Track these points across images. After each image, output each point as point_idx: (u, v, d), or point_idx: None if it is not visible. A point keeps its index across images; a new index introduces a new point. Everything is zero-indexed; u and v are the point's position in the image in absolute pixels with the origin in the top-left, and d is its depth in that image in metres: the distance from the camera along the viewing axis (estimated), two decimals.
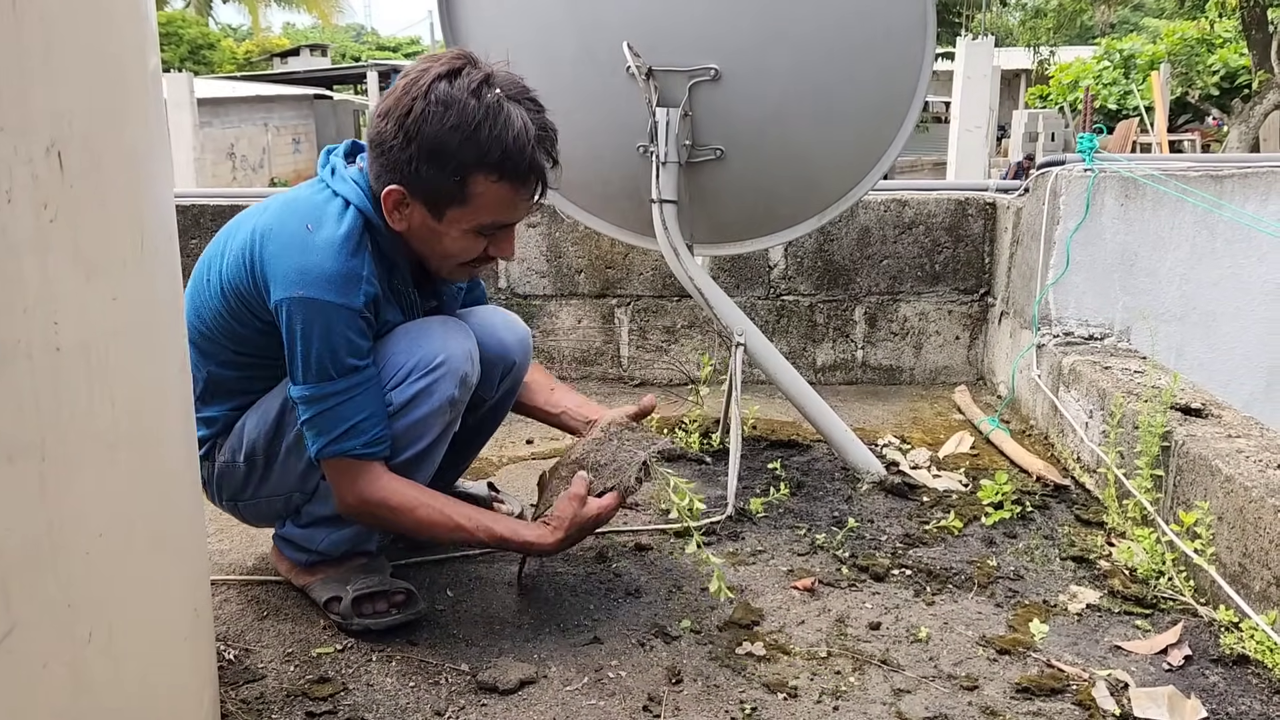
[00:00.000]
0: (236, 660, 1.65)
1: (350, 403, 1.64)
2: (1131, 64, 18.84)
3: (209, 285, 1.73)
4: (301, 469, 1.75)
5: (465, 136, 1.58)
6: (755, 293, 3.40)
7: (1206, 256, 2.88)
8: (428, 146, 1.59)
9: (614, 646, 1.71)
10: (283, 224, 1.65)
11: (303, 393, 1.64)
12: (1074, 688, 1.60)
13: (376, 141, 1.65)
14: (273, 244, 1.63)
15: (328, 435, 1.64)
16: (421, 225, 1.68)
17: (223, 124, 19.60)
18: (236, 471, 1.80)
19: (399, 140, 1.60)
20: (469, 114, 1.57)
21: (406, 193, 1.64)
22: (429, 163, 1.60)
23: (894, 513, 2.29)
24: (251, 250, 1.65)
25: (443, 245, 1.71)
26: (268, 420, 1.75)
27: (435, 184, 1.62)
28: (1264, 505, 1.71)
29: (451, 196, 1.64)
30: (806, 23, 2.26)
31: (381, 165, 1.65)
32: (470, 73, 1.61)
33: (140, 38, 1.15)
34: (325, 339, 1.60)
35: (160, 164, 1.20)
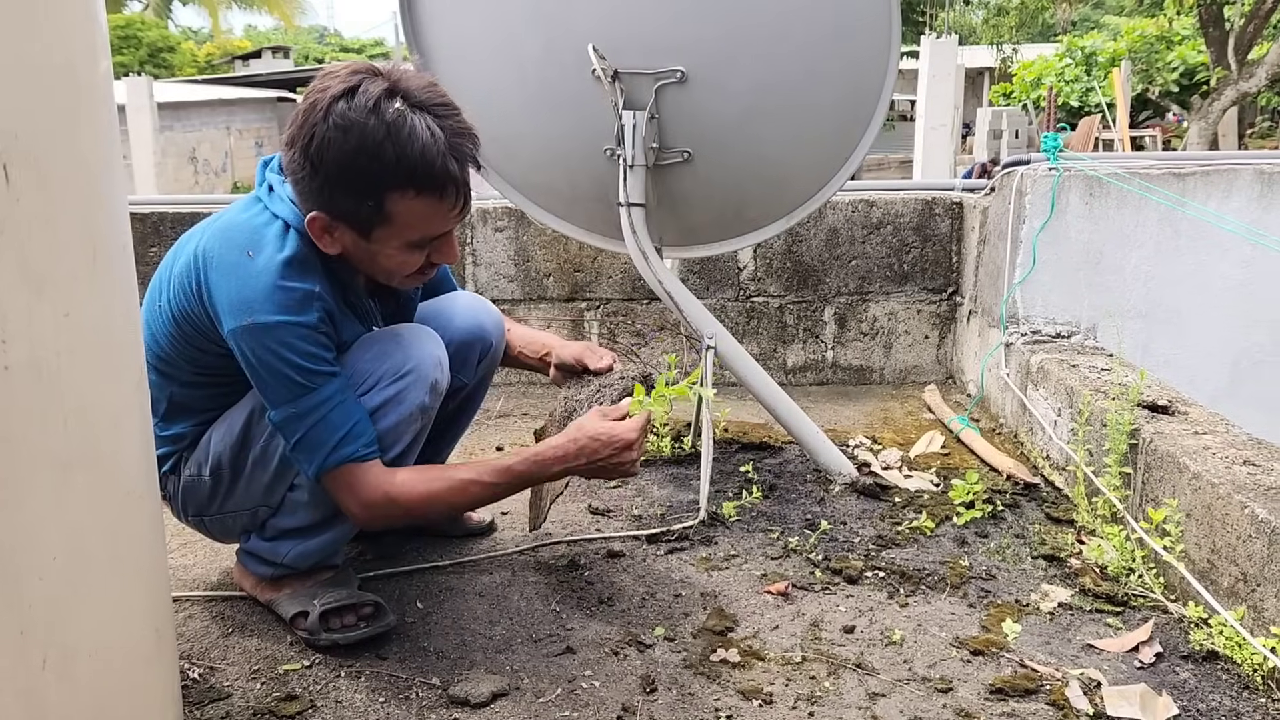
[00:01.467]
0: (201, 679, 1.62)
1: (339, 410, 1.60)
2: (1093, 61, 19.08)
3: (161, 311, 1.68)
4: (267, 481, 1.72)
5: (370, 158, 1.51)
6: (725, 295, 3.39)
7: (1170, 254, 2.90)
8: (335, 174, 1.53)
9: (587, 656, 1.69)
10: (223, 252, 1.60)
11: (283, 415, 1.59)
12: (1047, 688, 1.60)
13: (289, 171, 1.59)
14: (215, 273, 1.58)
15: (325, 447, 1.59)
16: (354, 246, 1.62)
17: (184, 128, 19.36)
18: (202, 486, 1.77)
19: (307, 170, 1.55)
20: (370, 134, 1.50)
21: (329, 218, 1.58)
22: (340, 190, 1.54)
23: (866, 514, 2.28)
24: (196, 278, 1.60)
25: (380, 263, 1.65)
26: (234, 433, 1.72)
27: (352, 209, 1.56)
28: (1231, 501, 1.72)
29: (372, 219, 1.57)
30: (772, 24, 2.26)
31: (299, 193, 1.60)
32: (368, 88, 1.52)
33: (90, 43, 1.12)
34: (288, 359, 1.56)
35: (113, 172, 1.17)
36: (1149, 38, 18.28)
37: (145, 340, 1.66)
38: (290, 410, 1.59)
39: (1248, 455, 1.89)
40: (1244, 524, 1.68)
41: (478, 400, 2.13)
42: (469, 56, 2.48)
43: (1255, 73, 13.41)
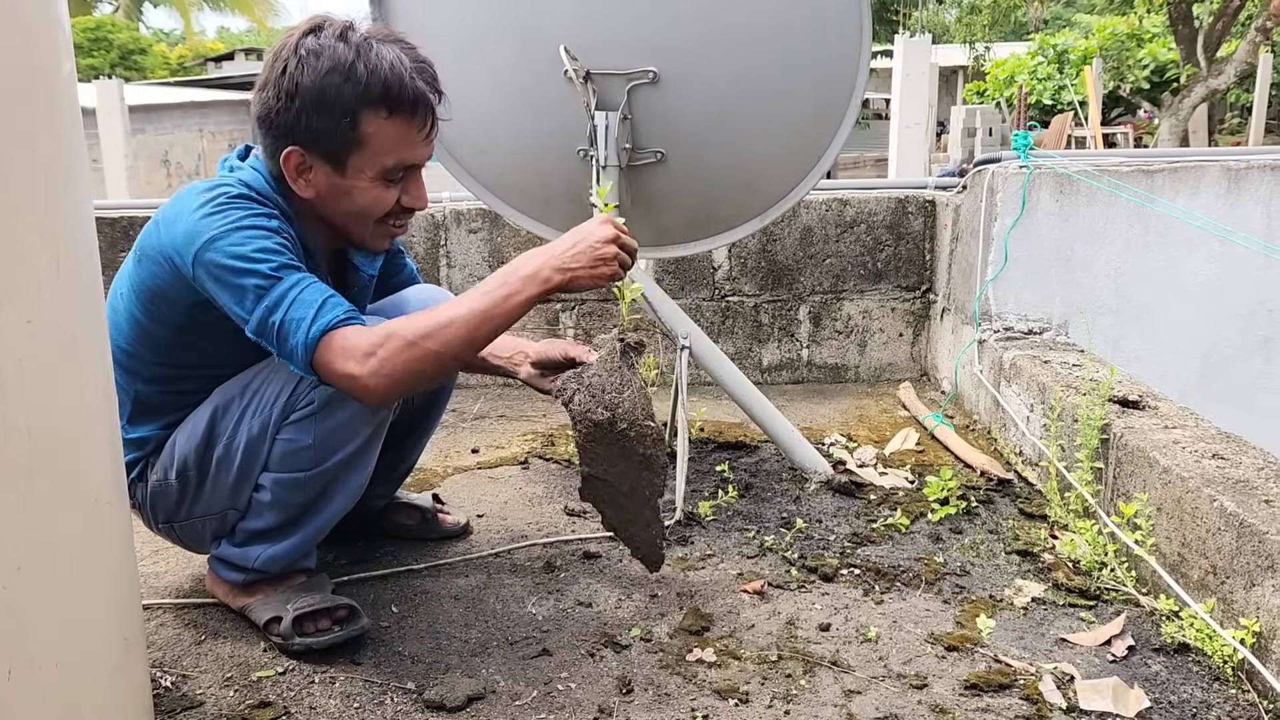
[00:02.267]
0: (174, 687, 1.60)
1: (309, 288, 1.53)
2: (1065, 59, 19.25)
3: (123, 298, 1.69)
4: (232, 481, 1.70)
5: (344, 77, 1.57)
6: (700, 294, 3.39)
7: (1140, 250, 2.93)
8: (310, 97, 1.58)
9: (563, 658, 1.69)
10: (178, 203, 1.61)
11: (258, 320, 1.52)
12: (1021, 682, 1.61)
13: (262, 115, 1.63)
14: (174, 221, 1.59)
15: (304, 324, 1.50)
16: (328, 186, 1.65)
17: (156, 130, 19.18)
18: (170, 491, 1.75)
19: (282, 102, 1.59)
20: (340, 56, 1.58)
21: (304, 152, 1.62)
22: (316, 113, 1.58)
23: (842, 512, 2.29)
24: (157, 239, 1.61)
25: (354, 201, 1.66)
26: (198, 433, 1.70)
27: (328, 133, 1.60)
28: (1200, 495, 1.74)
29: (347, 142, 1.61)
30: (743, 23, 2.26)
31: (273, 137, 1.63)
32: (332, 24, 1.63)
33: (52, 46, 1.11)
34: (247, 256, 1.52)
35: (77, 177, 1.16)
36: (1120, 36, 18.46)
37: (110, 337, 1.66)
38: (262, 311, 1.52)
39: (1217, 449, 1.91)
40: (1213, 517, 1.69)
41: (446, 392, 2.10)
42: (441, 57, 2.45)
43: (1224, 70, 13.56)
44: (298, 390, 1.64)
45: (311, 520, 1.73)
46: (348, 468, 1.70)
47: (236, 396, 1.68)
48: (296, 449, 1.65)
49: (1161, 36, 17.97)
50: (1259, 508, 1.64)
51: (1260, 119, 17.23)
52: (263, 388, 1.67)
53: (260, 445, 1.66)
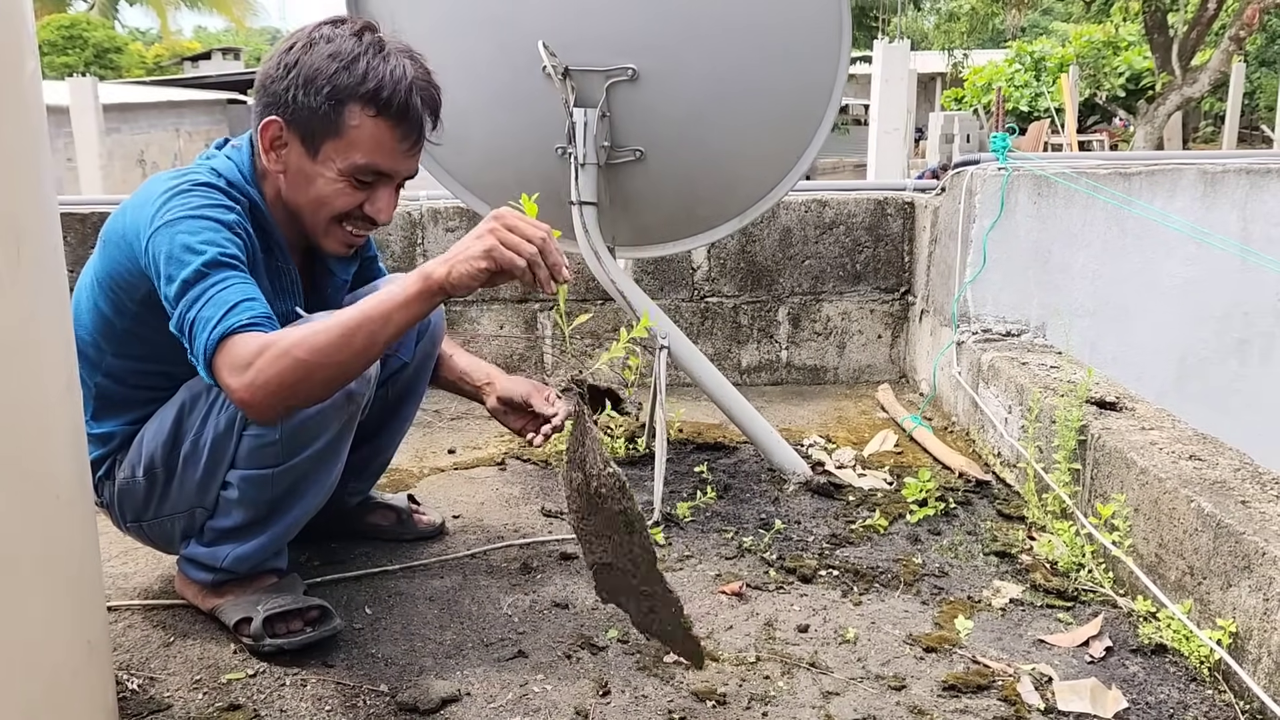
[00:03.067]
0: (140, 690, 1.57)
1: (231, 288, 1.47)
2: (1042, 66, 19.39)
3: (88, 288, 1.68)
4: (200, 478, 1.67)
5: (343, 65, 1.58)
6: (679, 295, 3.38)
7: (1117, 252, 2.94)
8: (305, 73, 1.59)
9: (539, 660, 1.67)
10: (144, 189, 1.62)
11: (179, 305, 1.47)
12: (1000, 683, 1.60)
13: (258, 85, 1.64)
14: (139, 206, 1.58)
15: (209, 324, 1.44)
16: (297, 166, 1.64)
17: (131, 130, 19.00)
18: (137, 489, 1.72)
19: (278, 72, 1.61)
20: (348, 47, 1.60)
21: (283, 125, 1.62)
22: (304, 88, 1.58)
23: (820, 513, 2.28)
24: (120, 223, 1.61)
25: (316, 189, 1.64)
26: (164, 429, 1.68)
27: (311, 111, 1.59)
28: (1177, 496, 1.74)
29: (326, 125, 1.60)
30: (724, 22, 2.25)
31: (261, 105, 1.64)
32: (354, 21, 1.65)
33: (15, 43, 1.08)
34: (192, 247, 1.48)
35: (40, 173, 1.13)
36: (1096, 44, 18.61)
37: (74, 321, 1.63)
38: (183, 305, 1.46)
39: (1194, 450, 1.91)
40: (1190, 518, 1.70)
41: (420, 386, 2.06)
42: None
43: (1199, 78, 13.70)
44: None
45: (280, 519, 1.70)
46: (317, 464, 1.67)
47: (204, 391, 1.65)
48: (263, 444, 1.62)
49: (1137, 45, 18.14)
50: (1236, 508, 1.64)
51: (1233, 127, 17.44)
52: None
53: (227, 441, 1.63)
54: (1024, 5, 17.69)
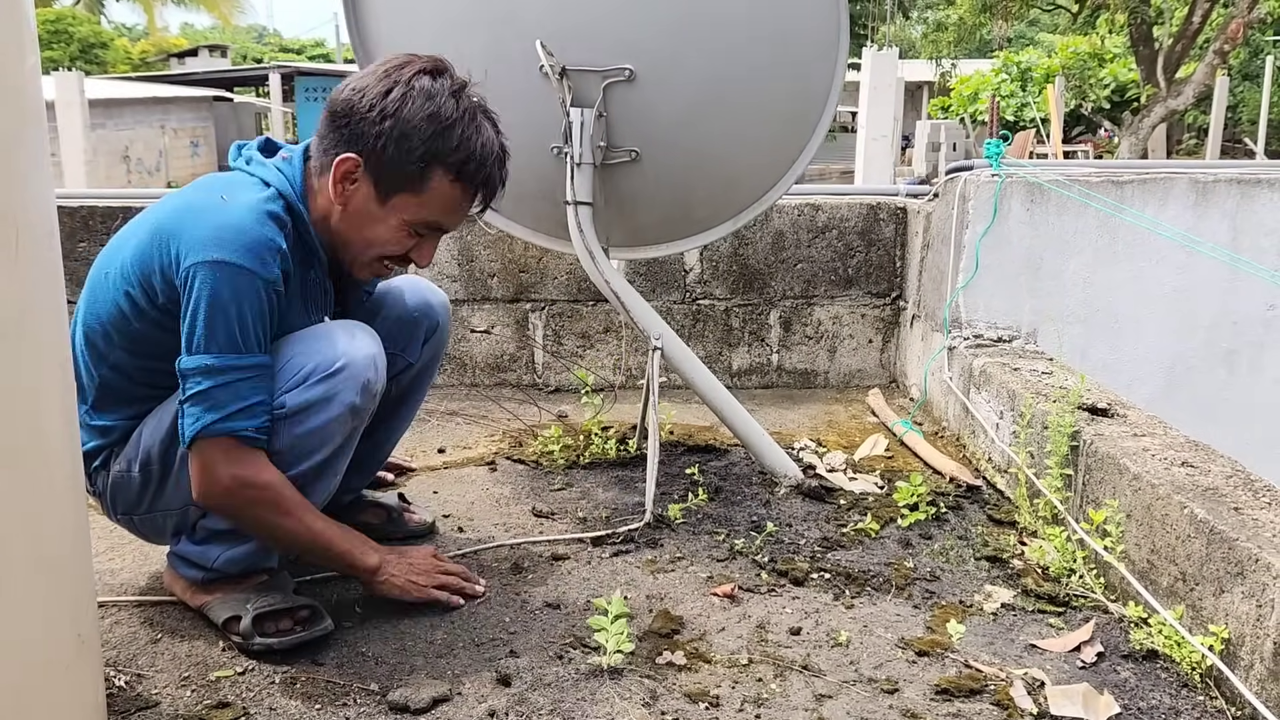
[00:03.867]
0: (128, 687, 1.55)
1: (251, 383, 1.56)
2: (1028, 77, 19.51)
3: (108, 279, 1.65)
4: None
5: (440, 130, 1.62)
6: (671, 297, 3.38)
7: (1108, 260, 2.96)
8: (401, 128, 1.61)
9: (530, 660, 1.66)
10: (196, 197, 1.62)
11: (202, 362, 1.53)
12: (992, 688, 1.60)
13: (343, 111, 1.63)
14: (187, 215, 1.58)
15: (220, 410, 1.53)
16: (361, 205, 1.67)
17: (116, 125, 18.88)
18: (132, 483, 1.70)
19: (373, 114, 1.61)
20: (447, 110, 1.63)
21: (362, 165, 1.64)
22: (398, 144, 1.61)
23: (812, 516, 2.28)
24: (163, 227, 1.59)
25: (374, 231, 1.69)
26: (163, 427, 1.66)
27: (397, 166, 1.63)
28: (1170, 502, 1.74)
29: (408, 182, 1.65)
30: (721, 25, 2.25)
31: (340, 134, 1.64)
32: (452, 76, 1.68)
33: (18, 38, 1.07)
34: (238, 308, 1.53)
35: (38, 164, 1.12)
36: (1082, 55, 18.75)
37: (84, 316, 1.65)
38: (211, 360, 1.53)
39: (1186, 456, 1.92)
40: (1183, 524, 1.70)
41: (423, 386, 2.10)
42: (414, 48, 2.43)
43: (1183, 91, 13.83)
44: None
45: None
46: (316, 474, 1.66)
47: None
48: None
49: (1123, 57, 18.29)
50: (1228, 515, 1.65)
51: (1216, 140, 17.59)
52: None
53: None
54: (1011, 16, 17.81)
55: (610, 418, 2.82)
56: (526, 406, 3.16)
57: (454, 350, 3.36)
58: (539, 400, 3.24)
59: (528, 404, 3.19)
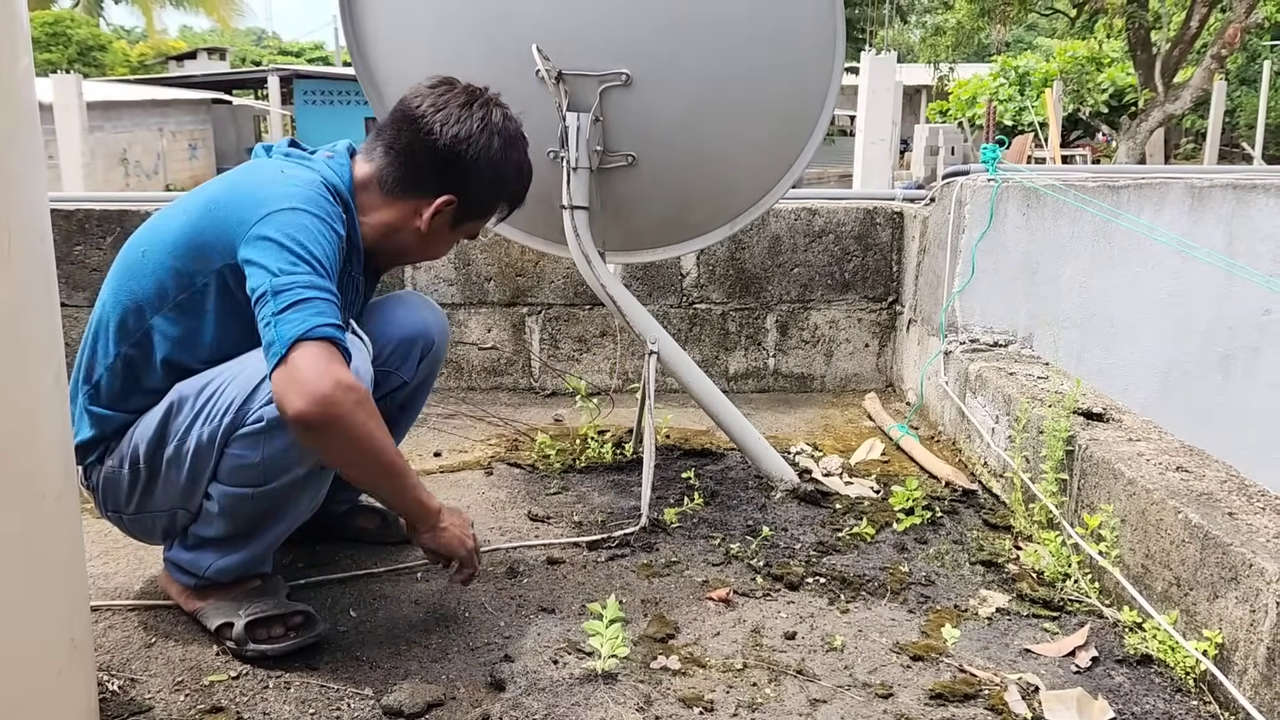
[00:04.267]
0: (121, 691, 1.55)
1: (334, 305, 1.55)
2: (1026, 81, 19.52)
3: (146, 256, 1.67)
4: (184, 484, 1.64)
5: (516, 174, 1.87)
6: (668, 301, 3.38)
7: (1104, 264, 2.96)
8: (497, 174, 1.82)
9: (525, 664, 1.66)
10: (252, 174, 1.69)
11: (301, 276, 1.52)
12: (986, 692, 1.60)
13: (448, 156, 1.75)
14: (247, 185, 1.65)
15: (324, 317, 1.51)
16: (436, 231, 1.82)
17: (115, 128, 18.88)
18: (121, 481, 1.69)
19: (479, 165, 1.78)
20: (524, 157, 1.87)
21: (456, 203, 1.80)
22: (491, 190, 1.85)
23: (807, 520, 2.28)
24: (220, 200, 1.64)
25: (437, 248, 1.90)
26: (151, 426, 1.65)
27: (483, 201, 1.85)
28: (1165, 507, 1.74)
29: (482, 211, 1.88)
30: (717, 29, 2.25)
31: (443, 176, 1.77)
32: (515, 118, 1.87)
33: (9, 38, 1.07)
34: (320, 240, 1.58)
35: (31, 167, 1.12)
36: (1080, 59, 18.75)
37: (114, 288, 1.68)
38: (307, 276, 1.53)
39: (1180, 461, 1.92)
40: (1177, 529, 1.70)
41: (419, 402, 2.11)
42: (410, 55, 2.44)
43: (1181, 95, 13.84)
44: (248, 404, 1.57)
45: (262, 535, 1.68)
46: (298, 489, 1.65)
47: (192, 397, 1.62)
48: (244, 464, 1.60)
49: (1121, 61, 18.30)
50: (1222, 520, 1.65)
51: (1214, 145, 17.59)
52: (218, 394, 1.60)
53: (209, 454, 1.60)
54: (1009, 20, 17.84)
55: (607, 421, 2.82)
56: (523, 409, 3.16)
57: (451, 354, 3.36)
58: (536, 404, 3.24)
59: (524, 406, 3.19)
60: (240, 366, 1.61)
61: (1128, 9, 14.42)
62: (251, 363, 1.60)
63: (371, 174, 1.78)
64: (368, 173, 1.79)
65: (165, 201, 3.28)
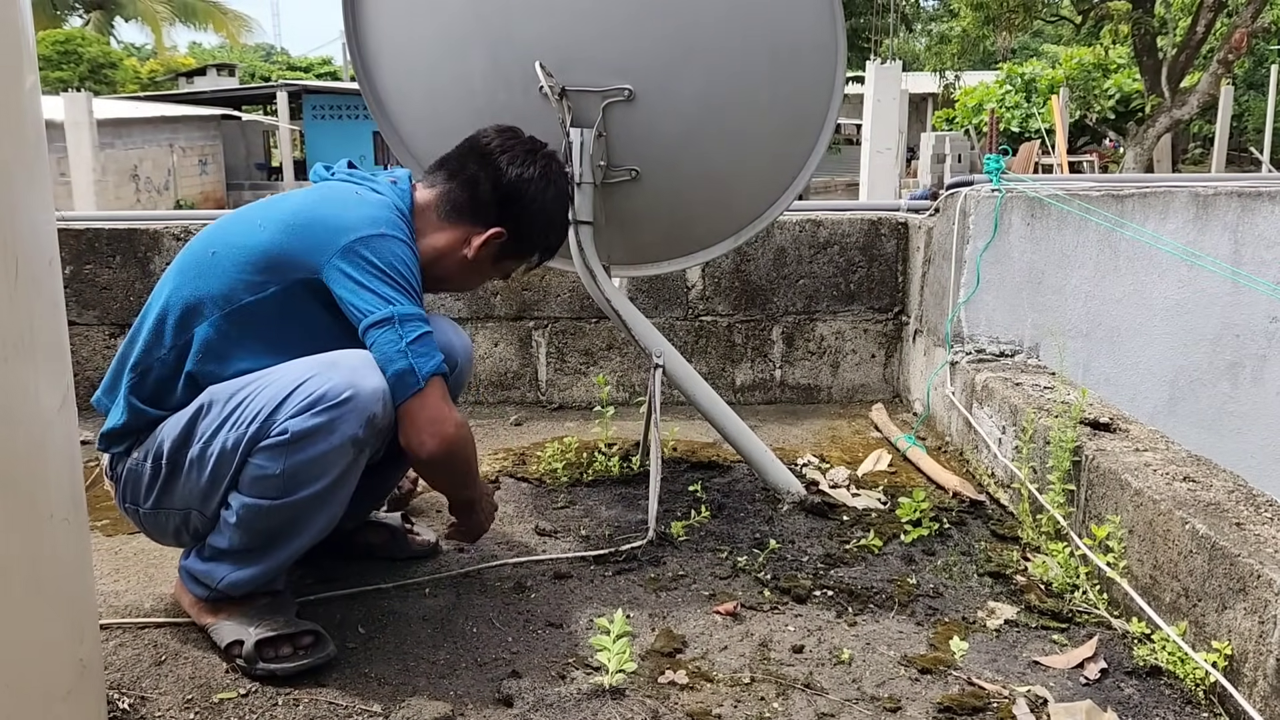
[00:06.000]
0: (131, 709, 1.56)
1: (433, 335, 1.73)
2: (1032, 88, 19.53)
3: (217, 259, 1.73)
4: (203, 486, 1.66)
5: (561, 222, 2.04)
6: (673, 314, 3.39)
7: (1110, 274, 2.96)
8: (547, 217, 1.97)
9: (533, 680, 1.66)
10: (331, 194, 1.80)
11: (407, 310, 1.68)
12: (995, 705, 1.60)
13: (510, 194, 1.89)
14: (327, 206, 1.75)
15: (439, 352, 1.71)
16: (482, 260, 1.92)
17: (125, 145, 18.99)
18: (142, 474, 1.71)
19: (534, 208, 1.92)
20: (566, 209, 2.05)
21: (506, 236, 1.90)
22: (541, 234, 1.99)
23: (815, 533, 2.28)
24: (301, 216, 1.73)
25: (477, 279, 2.04)
26: (179, 424, 1.67)
27: (530, 241, 1.97)
28: (1172, 518, 1.74)
29: (525, 251, 1.99)
30: (719, 43, 2.26)
31: (502, 211, 1.89)
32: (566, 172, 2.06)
33: (15, 59, 1.08)
34: (414, 268, 1.73)
35: (37, 189, 1.13)
36: (1086, 66, 18.76)
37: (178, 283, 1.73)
38: (416, 309, 1.70)
39: (1188, 471, 1.92)
40: (1185, 540, 1.70)
41: None
42: (414, 72, 2.46)
43: (1188, 100, 13.82)
44: (275, 416, 1.60)
45: (277, 550, 1.69)
46: (316, 504, 1.66)
47: (222, 401, 1.64)
48: (264, 476, 1.61)
49: (1127, 67, 18.30)
50: (1230, 530, 1.65)
51: (1222, 149, 17.57)
52: (247, 401, 1.63)
53: (231, 460, 1.63)
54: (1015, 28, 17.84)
55: (614, 434, 2.82)
56: (530, 423, 3.16)
57: None
58: (543, 417, 3.25)
59: (531, 420, 3.19)
60: (275, 376, 1.64)
61: (1133, 15, 14.42)
62: (284, 374, 1.63)
63: (431, 200, 1.90)
64: (428, 198, 1.90)
65: (172, 220, 3.31)
